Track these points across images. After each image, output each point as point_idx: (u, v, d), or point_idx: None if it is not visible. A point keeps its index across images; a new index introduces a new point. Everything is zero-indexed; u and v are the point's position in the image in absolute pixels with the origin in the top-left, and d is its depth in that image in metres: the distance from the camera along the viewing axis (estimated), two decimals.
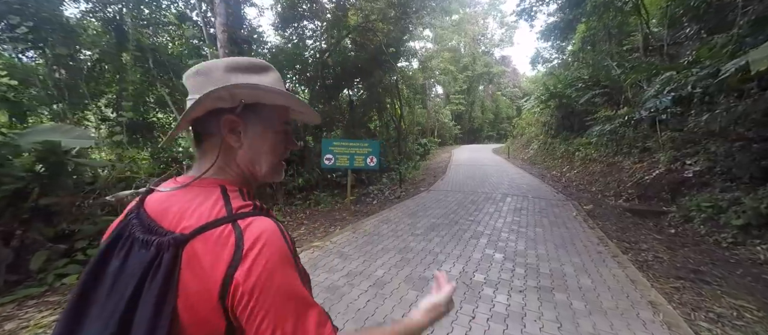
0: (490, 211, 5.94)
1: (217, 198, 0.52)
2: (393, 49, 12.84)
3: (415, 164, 16.02)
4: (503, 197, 7.29)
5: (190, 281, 0.45)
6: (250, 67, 0.58)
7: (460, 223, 5.05)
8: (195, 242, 0.47)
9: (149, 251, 0.47)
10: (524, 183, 9.65)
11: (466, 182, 9.93)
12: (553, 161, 13.86)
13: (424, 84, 23.94)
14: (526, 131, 21.73)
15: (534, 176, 11.46)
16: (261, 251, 0.46)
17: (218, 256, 0.45)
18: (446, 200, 6.91)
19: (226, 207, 0.50)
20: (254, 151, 0.58)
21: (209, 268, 0.45)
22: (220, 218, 0.48)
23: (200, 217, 0.49)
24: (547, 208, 6.34)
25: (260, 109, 0.57)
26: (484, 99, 42.37)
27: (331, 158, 7.01)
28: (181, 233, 0.47)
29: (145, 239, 0.48)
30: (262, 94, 0.55)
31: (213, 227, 0.47)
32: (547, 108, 17.12)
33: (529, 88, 32.55)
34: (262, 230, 0.48)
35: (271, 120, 0.60)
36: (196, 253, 0.46)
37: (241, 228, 0.47)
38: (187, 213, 0.50)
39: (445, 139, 31.61)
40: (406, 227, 4.76)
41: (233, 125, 0.56)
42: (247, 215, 0.50)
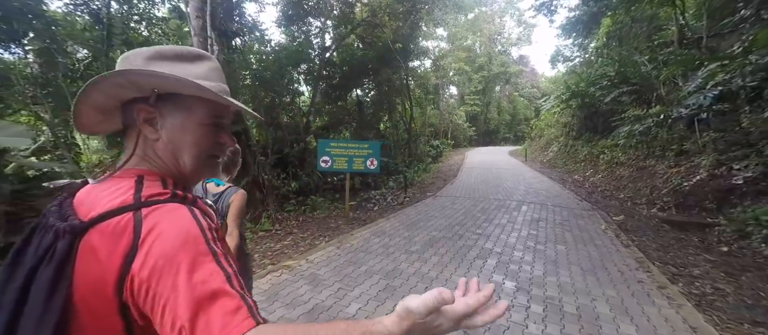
0: (502, 222, 5.16)
1: (128, 187, 0.48)
2: (400, 45, 12.15)
3: (425, 167, 15.29)
4: (518, 206, 6.48)
5: (85, 272, 0.42)
6: (178, 55, 0.54)
7: (465, 237, 4.32)
8: (93, 232, 0.43)
9: (49, 236, 0.44)
10: (543, 189, 8.76)
11: (478, 187, 9.12)
12: (574, 165, 12.85)
13: (437, 84, 23.17)
14: (545, 132, 20.61)
15: (554, 180, 10.51)
16: (159, 235, 0.41)
17: (114, 247, 0.42)
18: (453, 208, 6.17)
19: (134, 196, 0.46)
20: (175, 144, 0.54)
21: (105, 260, 0.42)
22: (122, 207, 0.44)
23: (105, 205, 0.45)
24: (569, 219, 5.50)
25: (180, 100, 0.53)
26: (500, 100, 41.03)
27: (327, 161, 6.43)
28: (79, 221, 0.44)
29: (50, 225, 0.45)
30: (171, 83, 0.50)
31: (112, 216, 0.44)
32: (567, 108, 16.12)
33: (549, 88, 31.17)
34: (164, 215, 0.44)
35: (195, 112, 0.54)
36: (92, 243, 0.43)
37: (142, 216, 0.43)
38: (96, 202, 0.47)
39: (458, 141, 30.62)
40: (401, 242, 4.08)
41: (148, 115, 0.52)
42: (156, 203, 0.45)
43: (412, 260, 3.45)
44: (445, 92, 27.81)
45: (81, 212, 0.47)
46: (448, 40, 31.33)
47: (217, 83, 0.55)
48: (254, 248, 4.21)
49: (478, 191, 8.41)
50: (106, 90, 0.50)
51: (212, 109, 0.55)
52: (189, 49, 0.55)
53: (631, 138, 9.26)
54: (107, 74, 0.48)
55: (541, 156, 17.64)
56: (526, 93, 43.77)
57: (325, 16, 11.77)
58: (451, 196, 7.70)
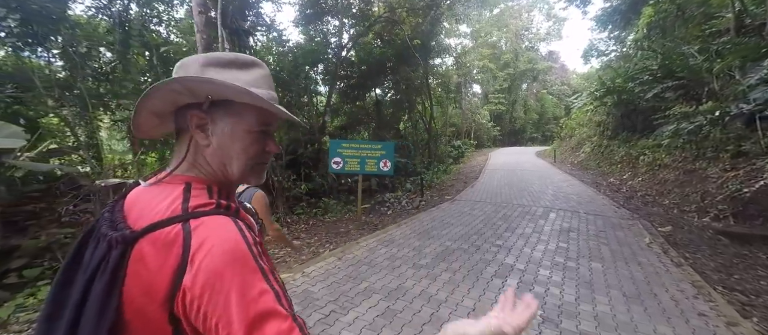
0: (526, 232, 4.62)
1: (177, 195, 0.49)
2: (418, 41, 11.69)
3: (446, 168, 14.73)
4: (546, 213, 5.86)
5: (136, 282, 0.44)
6: (231, 62, 0.54)
7: (483, 249, 3.85)
8: (144, 241, 0.44)
9: (103, 245, 0.46)
10: (574, 193, 8.00)
11: (501, 190, 8.49)
12: (609, 167, 11.86)
13: (460, 83, 22.43)
14: (576, 132, 19.36)
15: (586, 184, 9.65)
16: (209, 252, 0.42)
17: (164, 260, 0.43)
18: (471, 215, 5.67)
19: (182, 205, 0.47)
20: (224, 150, 0.54)
21: (155, 271, 0.43)
22: (172, 217, 0.45)
23: (155, 214, 0.46)
24: (606, 229, 4.85)
25: (231, 106, 0.53)
26: (527, 98, 39.32)
27: (339, 162, 6.15)
28: (130, 231, 0.45)
29: (104, 234, 0.47)
30: (223, 90, 0.50)
31: (162, 226, 0.45)
32: (602, 106, 15.05)
33: (580, 85, 29.39)
34: (212, 230, 0.44)
35: (245, 119, 0.54)
36: (143, 253, 0.44)
37: (191, 229, 0.44)
38: (146, 210, 0.48)
39: (482, 141, 29.58)
40: (410, 254, 3.68)
41: (200, 121, 0.53)
42: (202, 215, 0.46)
43: (420, 276, 3.05)
44: (468, 91, 26.93)
45: (131, 218, 0.49)
46: (472, 37, 30.42)
47: (267, 91, 0.56)
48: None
49: (501, 195, 7.81)
50: (164, 96, 0.52)
51: (261, 116, 0.55)
52: (243, 56, 0.56)
53: (678, 138, 8.31)
54: (166, 81, 0.49)
55: (572, 157, 16.53)
56: (555, 91, 41.67)
57: (343, 14, 11.53)
58: (471, 200, 7.17)
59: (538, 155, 20.87)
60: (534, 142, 38.16)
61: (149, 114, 0.54)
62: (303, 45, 10.55)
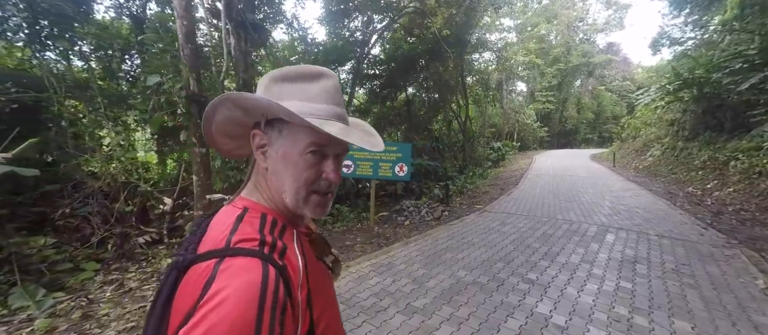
0: (571, 261, 3.49)
1: (230, 223, 0.47)
2: (446, 32, 10.64)
3: (482, 173, 13.40)
4: (600, 233, 4.59)
5: (173, 311, 0.43)
6: (299, 75, 0.51)
7: (507, 286, 2.86)
8: (192, 269, 0.43)
9: (169, 267, 0.47)
10: (639, 206, 6.45)
11: (543, 200, 7.16)
12: (687, 173, 9.82)
13: (501, 80, 20.71)
14: (642, 132, 16.80)
15: (656, 194, 7.89)
16: (212, 311, 0.37)
17: (190, 296, 0.40)
18: (501, 231, 4.60)
19: (228, 237, 0.45)
20: (278, 175, 0.51)
21: (181, 306, 0.41)
22: (215, 250, 0.44)
23: (211, 242, 0.45)
24: (691, 261, 3.53)
25: (284, 126, 0.50)
26: (580, 95, 35.66)
27: (350, 165, 5.50)
28: (184, 258, 0.45)
29: (178, 252, 0.48)
30: (265, 107, 0.48)
31: (205, 258, 0.43)
32: (676, 101, 12.81)
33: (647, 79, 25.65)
34: (233, 282, 0.39)
35: (298, 139, 0.50)
36: (188, 282, 0.43)
37: (218, 271, 0.40)
38: (211, 234, 0.47)
39: (527, 143, 27.23)
40: (408, 287, 2.81)
41: (260, 141, 0.51)
42: (239, 253, 0.42)
43: (410, 326, 2.20)
44: (512, 88, 24.88)
45: (205, 238, 0.47)
46: (517, 31, 28.21)
47: (327, 106, 0.50)
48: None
49: (542, 206, 6.53)
50: (223, 116, 0.50)
51: (317, 138, 0.49)
52: (311, 67, 0.52)
53: None
54: (215, 100, 0.48)
55: (636, 161, 14.22)
56: (615, 87, 37.33)
57: (372, 10, 10.88)
58: (504, 212, 6.02)
59: (593, 159, 18.44)
60: (589, 144, 34.46)
61: (218, 134, 0.54)
62: (326, 43, 10.07)
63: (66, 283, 2.81)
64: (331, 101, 0.51)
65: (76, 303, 2.52)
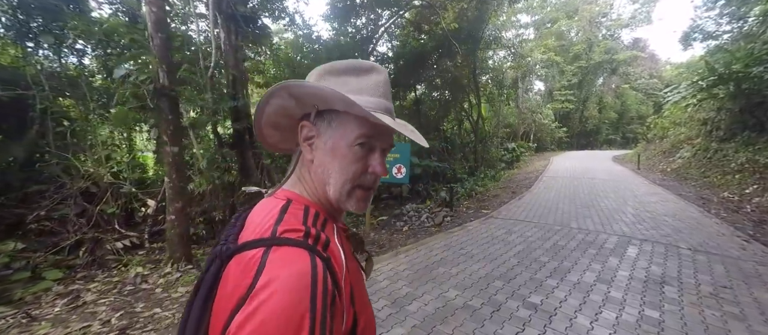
0: (585, 281, 2.99)
1: (274, 213, 0.46)
2: (455, 25, 10.16)
3: (495, 175, 12.78)
4: (621, 245, 4.03)
5: (219, 295, 0.43)
6: (349, 68, 0.51)
7: (504, 311, 2.41)
8: (235, 258, 0.43)
9: (210, 257, 0.47)
10: (667, 213, 5.78)
11: (557, 205, 6.58)
12: (722, 177, 8.95)
13: (516, 78, 19.90)
14: (671, 132, 15.71)
15: (686, 200, 7.14)
16: (270, 297, 0.37)
17: (238, 284, 0.40)
18: (506, 241, 4.12)
19: (273, 227, 0.44)
20: (324, 166, 0.50)
21: (229, 294, 0.40)
22: (260, 239, 0.43)
23: (252, 232, 0.45)
24: (732, 282, 2.97)
25: (336, 117, 0.49)
26: (603, 94, 34.04)
27: None
28: (228, 247, 0.45)
29: (219, 242, 0.48)
30: (321, 96, 0.47)
31: (249, 248, 0.42)
32: (710, 98, 11.85)
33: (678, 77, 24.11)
34: (283, 272, 0.38)
35: (347, 131, 0.49)
36: (230, 271, 0.43)
37: (268, 260, 0.40)
38: (252, 225, 0.47)
39: (544, 144, 26.16)
40: (385, 311, 2.40)
41: (309, 131, 0.51)
42: (286, 243, 0.42)
43: None
44: (529, 87, 23.94)
45: (244, 231, 0.47)
46: (535, 26, 27.20)
47: (377, 99, 0.50)
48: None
49: (556, 212, 5.96)
50: (274, 104, 0.50)
51: (366, 128, 0.49)
52: (362, 62, 0.52)
53: None
54: (272, 89, 0.48)
55: (664, 163, 13.23)
56: (641, 85, 35.44)
57: (379, 5, 10.51)
58: (512, 218, 5.50)
59: (615, 161, 17.39)
60: (611, 145, 32.84)
61: (267, 127, 0.54)
62: (328, 41, 9.76)
63: (14, 295, 2.59)
64: (382, 95, 0.51)
65: (15, 320, 2.28)
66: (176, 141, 3.23)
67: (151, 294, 2.80)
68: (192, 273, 3.24)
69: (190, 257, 3.46)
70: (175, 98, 3.19)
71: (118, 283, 3.00)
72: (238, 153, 4.55)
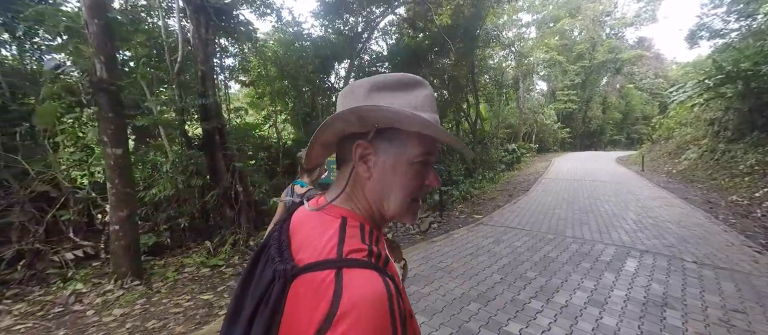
0: (574, 303, 2.62)
1: (334, 233, 0.46)
2: (448, 22, 9.81)
3: (493, 176, 12.37)
4: (619, 257, 3.64)
5: (289, 318, 0.43)
6: (396, 84, 0.51)
7: None
8: (301, 279, 0.43)
9: (269, 273, 0.47)
10: (671, 219, 5.37)
11: (554, 210, 6.19)
12: (730, 180, 8.52)
13: (517, 76, 19.47)
14: (677, 133, 15.23)
15: (692, 204, 6.72)
16: (354, 323, 0.38)
17: (314, 307, 0.40)
18: (493, 253, 3.76)
19: (337, 247, 0.44)
20: (383, 184, 0.51)
21: (305, 315, 0.41)
22: (327, 261, 0.43)
23: (313, 251, 0.45)
24: (745, 304, 2.58)
25: (395, 135, 0.50)
26: (606, 94, 33.46)
27: (323, 171, 4.80)
28: (292, 266, 0.45)
29: (272, 258, 0.48)
30: (392, 117, 0.47)
31: (319, 269, 0.42)
32: (717, 97, 11.41)
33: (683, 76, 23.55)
34: (363, 295, 0.39)
35: (408, 148, 0.51)
36: (298, 293, 0.43)
37: (343, 283, 0.40)
38: (307, 241, 0.47)
39: (547, 144, 25.68)
40: None
41: (365, 150, 0.51)
42: (356, 264, 0.43)
43: None
44: (531, 87, 23.48)
45: (294, 244, 0.48)
46: (536, 25, 26.74)
47: (431, 114, 0.51)
48: (149, 304, 2.79)
49: (551, 218, 5.57)
50: (337, 126, 0.51)
51: (425, 145, 0.51)
52: (407, 76, 0.52)
53: None
54: (341, 113, 0.48)
55: (669, 165, 12.76)
56: (646, 85, 34.83)
57: (372, 2, 10.16)
58: (503, 225, 5.12)
59: (619, 162, 16.90)
60: (616, 146, 32.23)
61: (319, 146, 0.55)
62: (318, 39, 9.40)
63: None
64: (433, 110, 0.52)
65: None
66: (119, 142, 2.91)
67: (79, 318, 2.47)
68: (137, 291, 2.91)
69: (139, 272, 3.13)
70: (115, 93, 2.86)
71: (48, 303, 2.68)
72: (208, 155, 4.22)
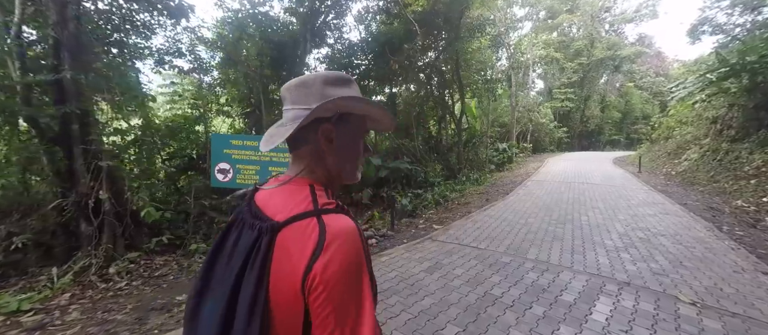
0: None
1: (306, 195, 0.56)
2: (421, 5, 8.84)
3: (479, 178, 11.39)
4: (588, 295, 2.68)
5: (279, 265, 0.50)
6: (341, 80, 0.64)
7: None
8: (286, 230, 0.51)
9: (253, 233, 0.53)
10: (665, 233, 4.41)
11: (526, 219, 5.22)
12: (734, 182, 7.62)
13: (509, 73, 18.48)
14: (677, 132, 14.28)
15: (692, 212, 5.76)
16: (340, 246, 0.49)
17: (304, 245, 0.49)
18: (418, 286, 2.79)
19: (313, 203, 0.54)
20: (342, 156, 0.63)
21: (296, 256, 0.49)
22: (308, 211, 0.52)
23: (292, 209, 0.54)
24: None
25: (350, 118, 0.63)
26: (605, 93, 32.43)
27: (227, 170, 3.91)
28: (277, 221, 0.52)
29: (252, 223, 0.55)
30: (353, 105, 0.62)
31: (301, 218, 0.51)
32: (721, 93, 10.48)
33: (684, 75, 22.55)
34: (343, 228, 0.51)
35: (359, 127, 0.66)
36: (286, 240, 0.50)
37: (325, 223, 0.51)
38: (281, 206, 0.55)
39: (542, 144, 24.66)
40: None
41: (329, 133, 0.61)
42: (330, 212, 0.54)
43: None
44: (525, 82, 22.48)
45: (268, 212, 0.56)
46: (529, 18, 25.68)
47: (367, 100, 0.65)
48: None
49: (519, 231, 4.60)
50: (316, 113, 0.59)
51: (365, 123, 0.68)
52: (342, 74, 0.65)
53: None
54: (326, 102, 0.58)
55: (668, 166, 11.80)
56: (646, 84, 33.77)
57: None
58: (457, 241, 4.14)
59: (615, 163, 15.91)
60: (615, 146, 31.19)
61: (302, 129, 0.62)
62: (275, 17, 8.29)
63: None
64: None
65: None
66: None
67: None
68: None
69: None
70: None
71: None
72: (64, 150, 3.27)
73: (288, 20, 8.45)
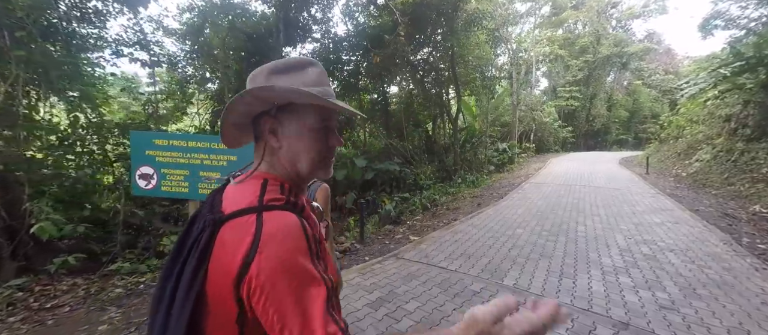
0: None
1: (256, 189, 0.54)
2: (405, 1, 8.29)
3: (476, 180, 10.75)
4: (587, 329, 2.10)
5: (217, 260, 0.49)
6: (290, 67, 0.59)
7: None
8: (228, 225, 0.50)
9: (200, 225, 0.52)
10: (675, 247, 3.77)
11: (514, 230, 4.61)
12: (750, 185, 6.98)
13: (510, 70, 17.77)
14: (687, 131, 13.48)
15: (705, 219, 5.10)
16: (276, 246, 0.46)
17: (239, 243, 0.47)
18: (357, 329, 2.24)
19: (259, 198, 0.52)
20: (293, 150, 0.59)
21: (231, 253, 0.47)
22: (249, 207, 0.51)
23: (238, 203, 0.52)
24: None
25: (295, 108, 0.58)
26: (612, 91, 31.41)
27: (150, 176, 3.37)
28: (220, 216, 0.51)
29: (204, 216, 0.53)
30: (285, 93, 0.56)
31: (241, 214, 0.50)
32: (735, 90, 9.74)
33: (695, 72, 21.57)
34: (280, 226, 0.48)
35: (307, 118, 0.59)
36: (225, 235, 0.49)
37: (263, 220, 0.49)
38: (233, 201, 0.53)
39: (546, 144, 23.83)
40: None
41: (272, 125, 0.58)
42: (274, 208, 0.51)
43: None
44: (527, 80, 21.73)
45: (225, 206, 0.53)
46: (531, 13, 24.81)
47: (323, 87, 0.58)
48: None
49: (501, 245, 3.99)
50: (239, 108, 0.58)
51: (320, 113, 0.59)
52: (299, 59, 0.61)
53: None
54: (241, 94, 0.55)
55: (678, 167, 11.06)
56: (655, 82, 32.63)
57: None
58: (425, 259, 3.55)
59: (622, 164, 15.12)
60: (623, 146, 30.16)
61: (230, 127, 0.62)
62: (252, 8, 7.83)
63: None
64: (324, 84, 0.60)
65: None
66: None
67: None
68: None
69: None
70: None
71: None
72: None
73: (260, 9, 7.93)
